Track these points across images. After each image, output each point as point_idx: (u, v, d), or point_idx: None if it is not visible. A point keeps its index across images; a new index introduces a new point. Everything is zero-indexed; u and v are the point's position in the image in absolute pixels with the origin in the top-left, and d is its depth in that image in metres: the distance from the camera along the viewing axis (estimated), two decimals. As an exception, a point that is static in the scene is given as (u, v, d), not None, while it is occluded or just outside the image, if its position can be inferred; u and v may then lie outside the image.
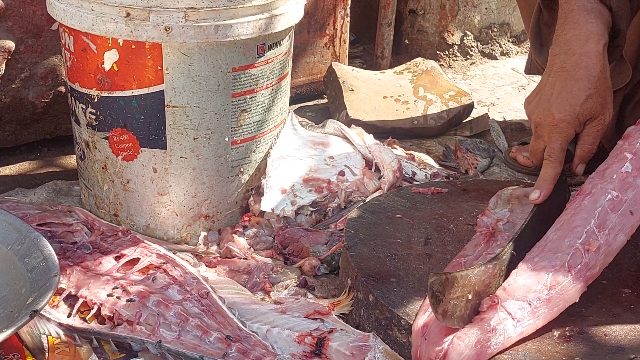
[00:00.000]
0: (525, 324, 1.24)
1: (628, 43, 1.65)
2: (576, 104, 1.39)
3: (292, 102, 2.07)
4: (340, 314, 1.44)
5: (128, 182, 1.70)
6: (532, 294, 1.26)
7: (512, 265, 1.33)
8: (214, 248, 1.72)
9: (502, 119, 2.50)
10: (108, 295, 1.45)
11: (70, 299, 1.48)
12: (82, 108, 1.69)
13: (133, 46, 1.57)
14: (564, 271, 1.29)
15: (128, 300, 1.43)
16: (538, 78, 2.82)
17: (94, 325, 1.42)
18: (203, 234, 1.75)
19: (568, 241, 1.33)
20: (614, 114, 1.62)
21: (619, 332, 1.30)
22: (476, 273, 1.25)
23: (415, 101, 2.37)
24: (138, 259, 1.58)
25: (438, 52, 2.94)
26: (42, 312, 1.37)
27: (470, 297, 1.22)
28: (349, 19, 2.56)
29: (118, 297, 1.44)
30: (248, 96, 1.68)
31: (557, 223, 1.38)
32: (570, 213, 1.38)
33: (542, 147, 1.44)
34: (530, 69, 2.00)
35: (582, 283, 1.30)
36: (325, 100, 2.54)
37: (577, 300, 1.29)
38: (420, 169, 2.01)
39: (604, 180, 1.38)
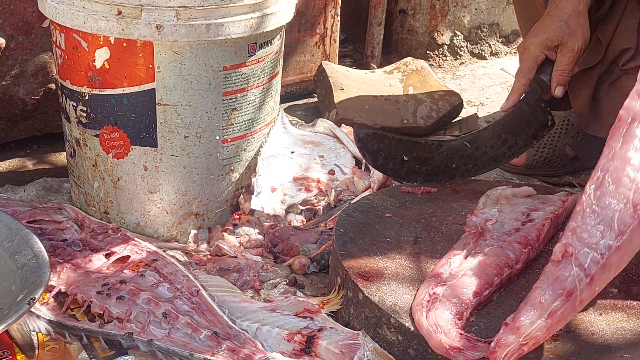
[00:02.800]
0: (598, 280, 1.18)
1: (603, 26, 1.85)
2: (545, 31, 1.67)
3: (282, 101, 2.08)
4: (330, 312, 1.44)
5: (118, 180, 1.70)
6: (603, 242, 1.19)
7: (459, 152, 1.56)
8: (204, 246, 1.72)
9: (491, 119, 2.51)
10: (98, 293, 1.45)
11: (61, 296, 1.48)
12: (72, 105, 1.69)
13: (124, 44, 1.57)
14: (630, 212, 1.20)
15: (118, 298, 1.43)
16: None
17: (83, 322, 1.42)
18: (193, 232, 1.75)
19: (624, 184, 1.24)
20: (588, 92, 1.87)
21: (606, 331, 1.32)
22: (414, 142, 1.45)
23: (405, 100, 2.38)
24: (128, 257, 1.58)
25: (428, 52, 2.95)
26: (32, 309, 1.37)
27: (405, 158, 1.39)
28: (339, 18, 2.56)
29: (108, 295, 1.44)
30: (239, 95, 1.68)
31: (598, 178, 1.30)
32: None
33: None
34: None
35: None
36: (315, 99, 2.55)
37: None
38: (409, 169, 2.02)
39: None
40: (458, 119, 2.45)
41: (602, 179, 1.26)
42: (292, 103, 2.55)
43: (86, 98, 1.65)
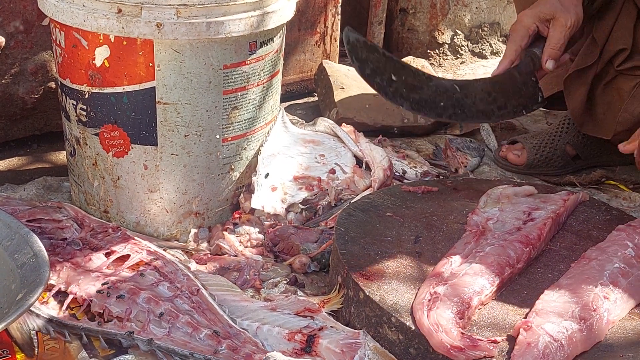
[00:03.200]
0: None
1: (599, 26, 1.87)
2: (537, 5, 1.71)
3: (282, 100, 2.08)
4: (331, 311, 1.44)
5: (118, 179, 1.70)
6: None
7: (448, 92, 1.62)
8: (204, 245, 1.72)
9: (491, 118, 2.51)
10: (98, 292, 1.45)
11: (60, 295, 1.48)
12: (72, 104, 1.68)
13: (124, 42, 1.57)
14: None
15: (118, 297, 1.43)
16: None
17: (83, 321, 1.41)
18: (193, 231, 1.74)
19: (585, 285, 1.36)
20: (583, 92, 1.90)
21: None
22: (403, 65, 1.53)
23: (405, 100, 2.37)
24: (128, 256, 1.58)
25: (428, 51, 2.94)
26: (32, 308, 1.36)
27: (394, 78, 1.46)
28: (339, 17, 2.56)
29: (108, 294, 1.44)
30: (239, 93, 1.68)
31: (568, 274, 1.42)
32: (579, 269, 1.42)
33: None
34: None
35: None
36: (316, 98, 2.54)
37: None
38: (410, 168, 2.02)
39: (606, 254, 1.45)
40: (459, 118, 2.45)
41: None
42: (292, 102, 2.55)
43: (86, 96, 1.65)
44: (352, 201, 1.73)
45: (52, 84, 2.01)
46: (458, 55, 2.99)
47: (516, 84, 1.73)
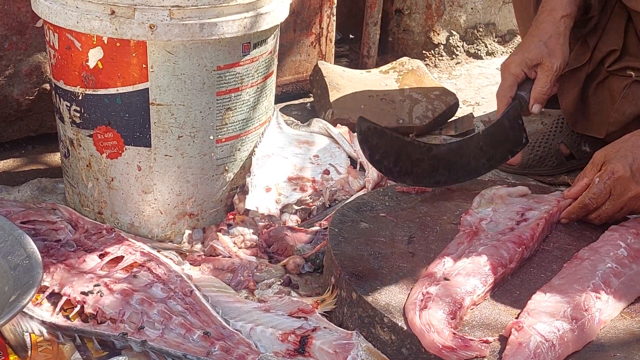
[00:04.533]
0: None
1: (590, 28, 1.89)
2: (525, 50, 1.74)
3: (277, 101, 2.08)
4: (324, 312, 1.44)
5: (112, 180, 1.70)
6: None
7: (445, 157, 1.67)
8: (198, 246, 1.72)
9: (487, 119, 2.51)
10: (91, 293, 1.45)
11: (54, 297, 1.48)
12: (66, 106, 1.68)
13: (118, 44, 1.57)
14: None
15: (111, 298, 1.43)
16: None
17: (77, 323, 1.41)
18: (187, 232, 1.75)
19: (577, 285, 1.36)
20: (575, 92, 1.93)
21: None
22: (408, 142, 1.57)
23: (400, 100, 2.38)
24: (122, 257, 1.58)
25: (424, 52, 2.94)
26: (25, 309, 1.36)
27: (400, 158, 1.57)
28: (335, 17, 2.56)
29: (101, 295, 1.44)
30: (233, 94, 1.68)
31: (560, 274, 1.42)
32: (572, 269, 1.42)
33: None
34: None
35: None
36: (311, 99, 2.55)
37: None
38: (405, 168, 2.02)
39: (599, 254, 1.45)
40: (454, 118, 2.45)
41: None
42: (288, 103, 2.55)
43: (80, 98, 1.65)
44: (346, 202, 1.73)
45: (47, 86, 2.01)
46: (453, 56, 3.00)
47: (504, 131, 1.74)
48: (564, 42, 1.74)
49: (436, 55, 2.97)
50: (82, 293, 1.45)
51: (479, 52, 3.04)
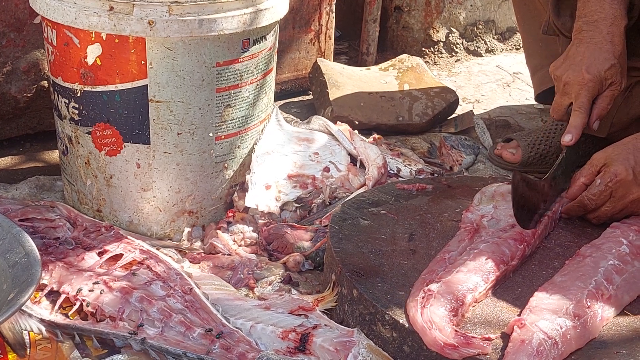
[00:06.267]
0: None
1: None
2: (602, 69, 1.64)
3: (277, 98, 2.07)
4: (325, 309, 1.43)
5: (111, 178, 1.69)
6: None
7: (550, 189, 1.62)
8: (197, 244, 1.71)
9: (487, 116, 2.50)
10: (90, 291, 1.44)
11: (53, 295, 1.47)
12: (64, 102, 1.67)
13: (116, 40, 1.56)
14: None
15: (111, 296, 1.42)
16: (523, 76, 2.84)
17: (76, 321, 1.41)
18: (187, 229, 1.74)
19: (579, 282, 1.35)
20: None
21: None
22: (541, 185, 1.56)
23: (400, 98, 2.37)
24: (121, 255, 1.57)
25: (423, 49, 2.94)
26: (23, 308, 1.35)
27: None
28: (334, 15, 2.55)
29: (101, 292, 1.43)
30: (232, 91, 1.67)
31: (562, 271, 1.41)
32: (574, 267, 1.41)
33: (566, 103, 1.67)
34: (547, 31, 2.04)
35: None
36: (311, 97, 2.54)
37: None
38: (405, 166, 2.01)
39: (601, 251, 1.44)
40: (454, 115, 2.44)
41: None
42: (287, 100, 2.54)
43: (78, 95, 1.64)
44: (346, 199, 1.73)
45: (45, 83, 2.00)
46: (453, 53, 2.99)
47: (576, 152, 1.70)
48: (626, 59, 1.69)
49: (436, 53, 2.96)
50: (81, 291, 1.44)
51: (478, 49, 3.04)
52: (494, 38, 3.07)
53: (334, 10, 2.54)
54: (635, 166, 1.55)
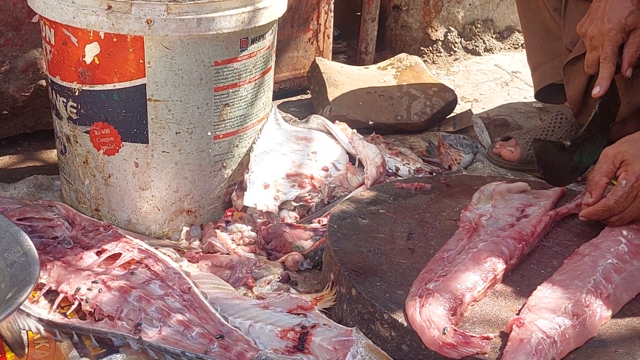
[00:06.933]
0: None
1: None
2: (622, 16, 1.68)
3: (275, 98, 2.07)
4: (323, 308, 1.43)
5: (109, 177, 1.69)
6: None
7: (587, 143, 1.67)
8: (196, 243, 1.71)
9: (485, 115, 2.50)
10: (88, 290, 1.44)
11: (51, 294, 1.47)
12: (63, 102, 1.67)
13: (114, 39, 1.56)
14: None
15: (109, 295, 1.42)
16: (522, 75, 2.84)
17: (74, 320, 1.40)
18: (185, 229, 1.74)
19: (578, 281, 1.35)
20: (582, 81, 1.89)
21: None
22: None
23: (399, 97, 2.37)
24: (119, 254, 1.57)
25: (422, 48, 2.94)
26: (22, 307, 1.35)
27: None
28: (332, 14, 2.55)
29: (99, 291, 1.43)
30: (231, 90, 1.67)
31: (561, 270, 1.41)
32: (572, 265, 1.41)
33: (596, 56, 1.71)
34: None
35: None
36: (309, 96, 2.54)
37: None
38: (403, 165, 2.01)
39: (599, 250, 1.44)
40: (452, 114, 2.44)
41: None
42: (285, 99, 2.54)
43: (76, 94, 1.64)
44: (345, 198, 1.73)
45: (43, 82, 2.00)
46: (451, 52, 2.99)
47: (608, 103, 1.74)
48: None
49: (434, 52, 2.96)
50: (79, 290, 1.44)
51: (477, 48, 3.04)
52: (492, 37, 3.07)
53: (332, 9, 2.54)
54: None
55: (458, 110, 2.47)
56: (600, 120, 1.70)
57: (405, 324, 1.28)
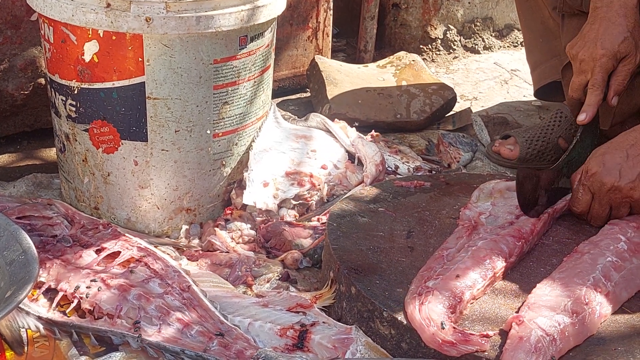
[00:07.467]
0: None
1: None
2: (615, 43, 1.62)
3: (274, 96, 2.07)
4: (323, 306, 1.43)
5: (109, 175, 1.69)
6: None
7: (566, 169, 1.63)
8: (195, 241, 1.71)
9: (484, 113, 2.50)
10: (88, 289, 1.44)
11: (50, 293, 1.47)
12: (62, 100, 1.67)
13: (114, 37, 1.56)
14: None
15: (108, 294, 1.42)
16: (521, 73, 2.84)
17: (74, 318, 1.40)
18: (185, 227, 1.73)
19: (577, 279, 1.35)
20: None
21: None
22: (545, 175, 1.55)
23: (398, 95, 2.37)
24: (119, 253, 1.57)
25: (421, 46, 2.93)
26: (21, 305, 1.35)
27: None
28: (332, 12, 2.55)
29: (98, 289, 1.43)
30: (230, 88, 1.67)
31: (560, 268, 1.41)
32: (572, 263, 1.41)
33: (584, 81, 1.65)
34: (562, 9, 2.02)
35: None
36: (308, 94, 2.53)
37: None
38: (403, 163, 2.01)
39: (599, 248, 1.44)
40: (451, 113, 2.44)
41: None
42: (285, 98, 2.54)
43: (75, 92, 1.64)
44: (344, 196, 1.73)
45: (42, 80, 2.00)
46: (451, 51, 2.99)
47: (591, 133, 1.70)
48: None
49: (433, 50, 2.96)
50: (79, 288, 1.44)
51: (476, 46, 3.03)
52: (491, 35, 3.07)
53: (331, 8, 2.54)
54: (605, 156, 1.54)
55: (457, 108, 2.47)
56: (581, 149, 1.66)
57: (405, 322, 1.28)
